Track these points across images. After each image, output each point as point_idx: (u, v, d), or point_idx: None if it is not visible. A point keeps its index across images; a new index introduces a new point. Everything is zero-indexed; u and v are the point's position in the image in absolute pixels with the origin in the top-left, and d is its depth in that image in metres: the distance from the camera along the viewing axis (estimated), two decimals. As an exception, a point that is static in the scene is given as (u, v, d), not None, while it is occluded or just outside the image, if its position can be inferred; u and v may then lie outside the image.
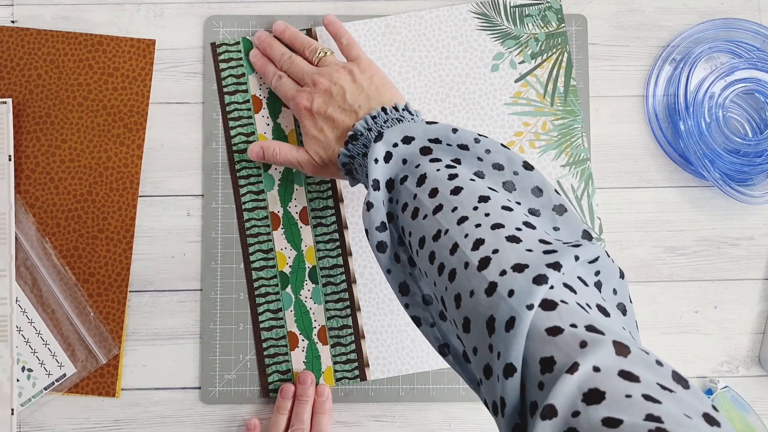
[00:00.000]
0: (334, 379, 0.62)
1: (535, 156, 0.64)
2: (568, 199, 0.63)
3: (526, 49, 0.64)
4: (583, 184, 0.63)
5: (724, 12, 0.66)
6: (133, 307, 0.63)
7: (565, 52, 0.64)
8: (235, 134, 0.63)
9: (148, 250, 0.63)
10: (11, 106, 0.62)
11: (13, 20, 0.64)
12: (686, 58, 0.64)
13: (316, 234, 0.63)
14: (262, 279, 0.62)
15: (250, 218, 0.63)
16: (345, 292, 0.62)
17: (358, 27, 0.64)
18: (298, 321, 0.62)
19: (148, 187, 0.64)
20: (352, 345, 0.62)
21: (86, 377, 0.61)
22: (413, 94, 0.64)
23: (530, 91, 0.64)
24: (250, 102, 0.64)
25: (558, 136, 0.64)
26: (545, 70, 0.64)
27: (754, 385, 0.64)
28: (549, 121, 0.64)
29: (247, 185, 0.63)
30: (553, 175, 0.63)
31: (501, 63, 0.64)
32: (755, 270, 0.65)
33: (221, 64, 0.64)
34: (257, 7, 0.65)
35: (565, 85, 0.64)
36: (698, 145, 0.62)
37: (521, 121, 0.64)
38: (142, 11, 0.65)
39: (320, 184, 0.63)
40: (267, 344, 0.62)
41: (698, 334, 0.64)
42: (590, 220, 0.63)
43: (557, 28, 0.65)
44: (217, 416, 0.62)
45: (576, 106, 0.64)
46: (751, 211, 0.65)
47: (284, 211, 0.63)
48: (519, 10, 0.65)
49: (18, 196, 0.62)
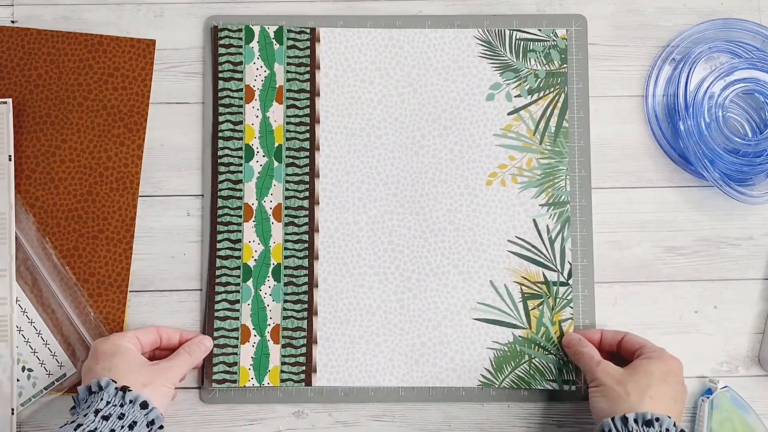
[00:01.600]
0: (280, 379, 0.62)
1: (516, 191, 0.64)
2: (541, 240, 0.63)
3: (525, 83, 0.65)
4: (559, 226, 0.63)
5: (723, 12, 0.66)
6: (133, 307, 0.63)
7: (562, 93, 0.64)
8: (223, 120, 0.63)
9: (148, 250, 0.63)
10: (11, 106, 0.62)
11: (13, 20, 0.64)
12: (686, 58, 0.64)
13: (286, 232, 0.63)
14: (225, 268, 0.62)
15: (223, 206, 0.63)
16: (305, 295, 0.62)
17: (362, 35, 0.64)
18: (254, 316, 0.62)
19: (148, 187, 0.64)
20: (303, 348, 0.62)
21: (86, 377, 0.61)
22: (406, 110, 0.64)
23: (521, 126, 0.64)
24: (242, 91, 0.64)
25: (541, 175, 0.64)
26: (540, 107, 0.64)
27: (754, 385, 0.64)
28: (535, 159, 0.64)
29: (226, 173, 0.63)
30: (530, 213, 0.64)
31: (497, 93, 0.64)
32: (755, 270, 0.65)
33: (220, 48, 0.64)
34: (257, 7, 0.65)
35: (557, 126, 0.64)
36: (698, 145, 0.62)
37: (507, 154, 0.64)
38: (142, 11, 0.65)
39: (299, 184, 0.63)
40: (218, 334, 0.62)
41: (698, 334, 0.64)
42: (561, 264, 0.63)
43: (559, 67, 0.65)
44: (217, 416, 0.62)
45: (564, 147, 0.64)
46: (751, 211, 0.65)
47: (258, 205, 0.63)
48: (524, 44, 0.65)
49: (18, 196, 0.62)
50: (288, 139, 0.64)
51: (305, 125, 0.64)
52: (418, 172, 0.64)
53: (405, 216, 0.64)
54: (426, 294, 0.63)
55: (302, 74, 0.64)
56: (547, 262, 0.63)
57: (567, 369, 0.62)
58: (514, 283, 0.63)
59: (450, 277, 0.63)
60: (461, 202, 0.64)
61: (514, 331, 0.62)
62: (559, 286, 0.63)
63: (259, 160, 0.63)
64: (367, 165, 0.64)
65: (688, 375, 0.63)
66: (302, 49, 0.64)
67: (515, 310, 0.63)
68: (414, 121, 0.64)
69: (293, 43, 0.64)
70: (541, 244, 0.63)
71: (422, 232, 0.63)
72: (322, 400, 0.62)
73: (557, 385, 0.62)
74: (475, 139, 0.64)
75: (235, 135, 0.63)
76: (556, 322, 0.63)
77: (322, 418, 0.62)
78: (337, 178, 0.64)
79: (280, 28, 0.64)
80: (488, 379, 0.62)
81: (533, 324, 0.63)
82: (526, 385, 0.62)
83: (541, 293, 0.63)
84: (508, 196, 0.64)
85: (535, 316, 0.63)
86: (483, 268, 0.63)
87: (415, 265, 0.63)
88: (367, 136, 0.64)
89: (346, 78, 0.64)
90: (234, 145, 0.63)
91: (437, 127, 0.64)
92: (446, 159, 0.64)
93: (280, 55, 0.64)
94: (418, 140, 0.64)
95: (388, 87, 0.64)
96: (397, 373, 0.62)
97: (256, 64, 0.64)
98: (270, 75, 0.64)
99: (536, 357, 0.62)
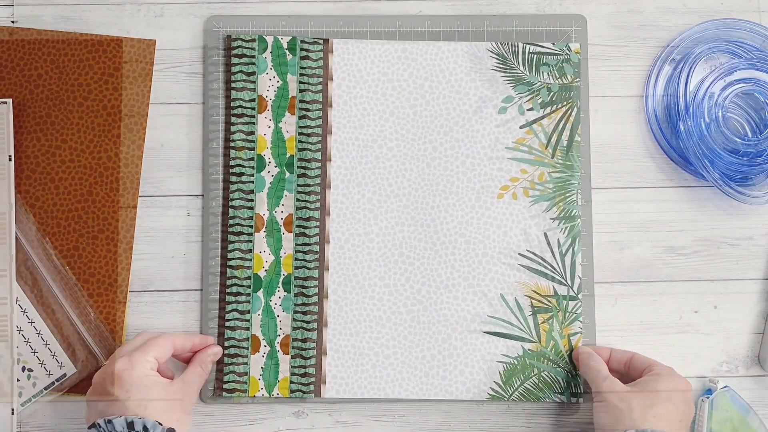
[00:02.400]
0: (289, 390, 0.62)
1: (527, 205, 0.64)
2: (552, 254, 0.63)
3: (537, 97, 0.64)
4: (570, 240, 0.63)
5: (723, 12, 0.66)
6: (133, 307, 0.63)
7: (575, 107, 0.64)
8: (235, 131, 0.63)
9: (149, 250, 0.63)
10: (11, 106, 0.62)
11: (13, 20, 0.64)
12: (686, 58, 0.64)
13: (297, 243, 0.63)
14: (236, 278, 0.62)
15: (234, 215, 0.63)
16: (315, 306, 0.62)
17: (375, 47, 0.64)
18: (264, 326, 0.62)
19: (148, 187, 0.64)
20: (313, 359, 0.62)
21: (86, 377, 0.61)
22: (418, 122, 0.64)
23: (534, 140, 0.64)
24: (255, 101, 0.64)
25: (553, 189, 0.64)
26: (552, 121, 0.64)
27: (754, 385, 0.64)
28: (547, 173, 0.64)
29: (237, 183, 0.63)
30: (541, 226, 0.63)
31: (509, 107, 0.64)
32: (755, 270, 0.65)
33: (233, 58, 0.64)
34: (258, 8, 0.65)
35: (569, 140, 0.64)
36: (698, 145, 0.62)
37: (519, 168, 0.64)
38: (142, 11, 0.65)
39: (310, 195, 0.63)
40: (229, 343, 0.62)
41: (698, 334, 0.64)
42: (571, 278, 0.63)
43: (572, 81, 0.65)
44: (217, 416, 0.62)
45: (576, 161, 0.64)
46: (751, 211, 0.65)
47: (270, 215, 0.63)
48: (537, 57, 0.65)
49: (18, 196, 0.62)
50: (300, 149, 0.63)
51: (317, 136, 0.64)
52: (430, 184, 0.64)
53: (416, 228, 0.63)
54: (436, 306, 0.63)
55: (315, 85, 0.64)
56: (557, 276, 0.63)
57: (575, 382, 0.62)
58: (525, 296, 0.63)
59: (460, 289, 0.63)
60: (472, 214, 0.64)
61: (524, 344, 0.62)
62: (568, 300, 0.63)
63: (271, 170, 0.63)
64: (379, 176, 0.64)
65: (687, 375, 0.63)
66: (315, 60, 0.64)
67: (525, 324, 0.63)
68: (426, 133, 0.64)
69: (306, 54, 0.64)
70: (552, 259, 0.63)
71: (433, 245, 0.63)
72: (323, 401, 0.62)
73: (565, 398, 0.62)
74: (487, 152, 0.64)
75: (247, 145, 0.63)
76: (566, 336, 0.63)
77: (323, 418, 0.62)
78: (349, 189, 0.64)
79: (294, 39, 0.64)
80: (497, 392, 0.62)
81: (543, 338, 0.63)
82: (535, 398, 0.62)
83: (551, 307, 0.63)
84: (520, 209, 0.64)
85: (544, 330, 0.63)
86: (494, 281, 0.63)
87: (425, 277, 0.63)
88: (379, 147, 0.64)
89: (359, 89, 0.64)
90: (246, 155, 0.63)
91: (449, 139, 0.64)
92: (458, 171, 0.64)
93: (293, 66, 0.64)
94: (429, 152, 0.64)
95: (400, 99, 0.64)
96: (407, 385, 0.62)
97: (269, 74, 0.64)
98: (283, 85, 0.63)
99: (545, 370, 0.62)
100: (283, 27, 0.64)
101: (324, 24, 0.65)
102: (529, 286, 0.63)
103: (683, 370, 0.63)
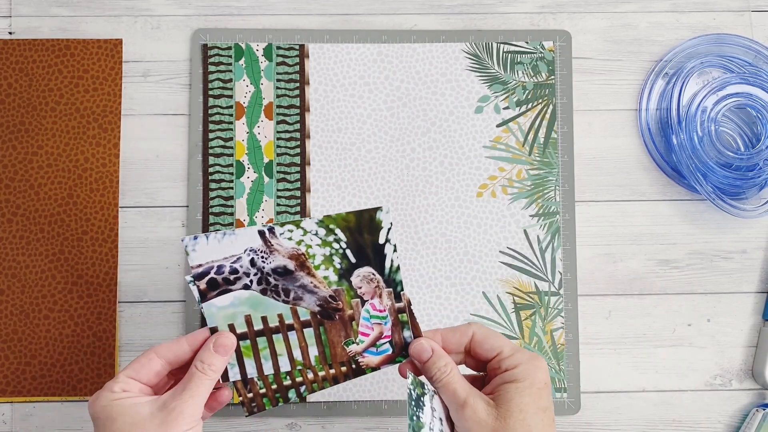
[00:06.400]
0: None
1: (506, 203, 0.64)
2: (532, 250, 0.63)
3: (513, 95, 0.65)
4: (549, 236, 0.64)
5: (716, 27, 0.67)
6: (127, 318, 0.63)
7: (550, 104, 0.65)
8: (213, 137, 0.64)
9: (143, 260, 0.63)
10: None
11: (10, 32, 0.65)
12: (679, 73, 0.65)
13: None
14: None
15: (215, 222, 0.63)
16: None
17: (351, 50, 0.65)
18: None
19: (143, 197, 0.64)
20: None
21: (81, 386, 0.61)
22: (395, 124, 0.65)
23: (510, 138, 0.65)
24: (233, 108, 0.64)
25: (531, 186, 0.64)
26: (528, 118, 0.65)
27: (747, 399, 0.64)
28: (525, 170, 0.65)
29: (217, 189, 0.63)
30: (521, 223, 0.64)
31: (486, 106, 0.65)
32: (748, 283, 0.65)
33: (210, 66, 0.64)
34: (253, 21, 0.66)
35: (546, 137, 0.65)
36: (691, 159, 0.63)
37: (497, 166, 0.64)
38: (139, 23, 0.65)
39: (290, 199, 0.63)
40: None
41: (691, 348, 0.64)
42: (552, 273, 0.63)
43: (546, 79, 0.65)
44: (216, 416, 0.62)
45: (554, 158, 0.65)
46: (744, 224, 0.65)
47: (250, 221, 0.63)
48: (512, 56, 0.65)
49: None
50: (279, 154, 0.64)
51: (295, 140, 0.64)
52: (409, 186, 0.64)
53: (396, 229, 0.64)
54: (419, 306, 0.63)
55: (292, 90, 0.64)
56: (538, 272, 0.63)
57: (560, 377, 0.62)
58: (507, 293, 0.63)
59: (443, 289, 0.63)
60: (452, 214, 0.64)
61: None
62: (550, 296, 0.63)
63: (250, 175, 0.64)
64: (358, 179, 0.64)
65: (681, 388, 0.63)
66: (291, 65, 0.64)
67: (508, 321, 0.63)
68: (404, 134, 0.65)
69: (282, 60, 0.64)
70: (532, 255, 0.64)
71: (414, 245, 0.64)
72: (316, 414, 0.62)
73: None
74: (465, 152, 0.65)
75: (225, 151, 0.64)
76: (548, 331, 0.63)
77: (315, 430, 0.62)
78: (328, 192, 0.64)
79: (270, 45, 0.64)
80: None
81: (526, 334, 0.63)
82: None
83: (533, 303, 0.63)
84: (499, 207, 0.64)
85: (527, 326, 0.63)
86: (475, 279, 0.63)
87: (407, 278, 0.63)
88: (357, 150, 0.64)
89: (336, 93, 0.65)
90: (225, 162, 0.64)
91: (427, 140, 0.65)
92: (436, 172, 0.64)
93: (269, 72, 0.64)
94: (408, 154, 0.65)
95: (377, 101, 0.65)
96: (392, 385, 0.62)
97: (245, 81, 0.64)
98: (256, 92, 0.64)
99: None
100: (270, 40, 0.65)
101: (311, 38, 0.65)
102: (511, 282, 0.63)
103: (677, 383, 0.63)
